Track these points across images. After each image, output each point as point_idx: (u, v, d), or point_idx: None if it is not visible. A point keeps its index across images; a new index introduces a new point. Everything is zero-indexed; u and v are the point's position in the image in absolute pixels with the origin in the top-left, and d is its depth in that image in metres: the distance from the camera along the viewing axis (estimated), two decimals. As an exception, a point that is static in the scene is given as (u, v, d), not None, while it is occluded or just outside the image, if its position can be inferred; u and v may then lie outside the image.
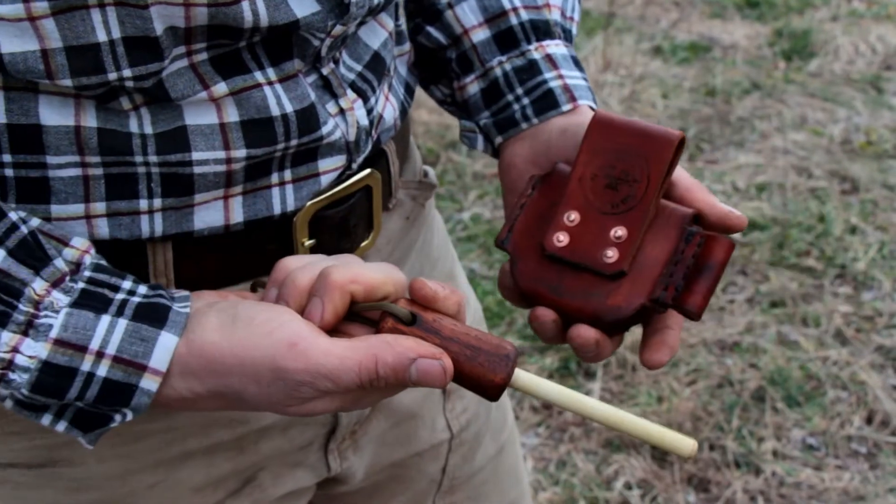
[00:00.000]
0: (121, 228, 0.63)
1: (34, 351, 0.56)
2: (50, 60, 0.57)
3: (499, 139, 0.79)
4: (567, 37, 0.82)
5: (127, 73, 0.58)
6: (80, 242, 0.59)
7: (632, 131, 0.70)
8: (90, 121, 0.60)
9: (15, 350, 0.55)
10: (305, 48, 0.65)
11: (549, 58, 0.79)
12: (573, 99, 0.77)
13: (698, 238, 0.67)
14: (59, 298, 0.57)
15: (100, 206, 0.63)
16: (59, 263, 0.58)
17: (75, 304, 0.57)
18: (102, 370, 0.57)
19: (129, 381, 0.57)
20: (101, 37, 0.57)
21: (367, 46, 0.74)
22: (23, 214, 0.58)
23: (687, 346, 2.34)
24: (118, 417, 0.59)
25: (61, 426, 0.59)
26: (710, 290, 0.67)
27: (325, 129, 0.67)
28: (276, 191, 0.68)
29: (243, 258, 0.69)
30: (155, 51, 0.58)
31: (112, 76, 0.58)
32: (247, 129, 0.64)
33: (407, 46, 0.84)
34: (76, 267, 0.58)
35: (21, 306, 0.56)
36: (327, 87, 0.69)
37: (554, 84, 0.78)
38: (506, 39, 0.80)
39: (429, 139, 3.23)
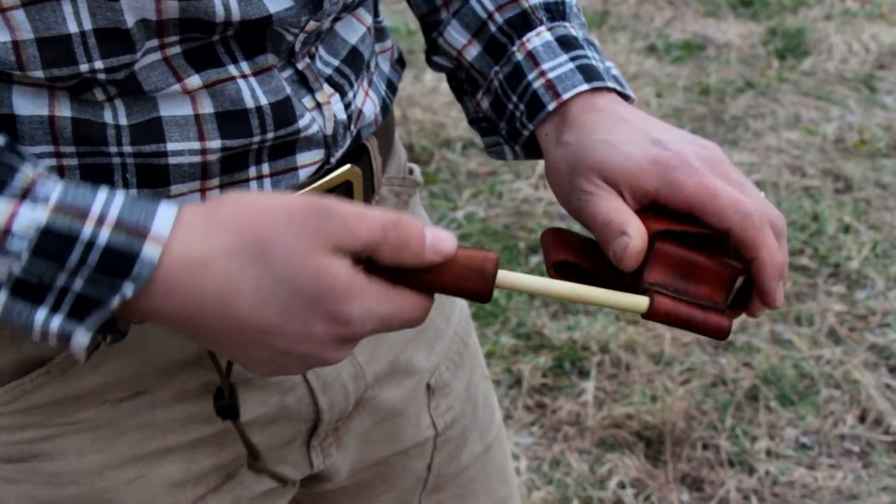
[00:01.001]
0: None
1: (33, 216, 0.53)
2: (21, 52, 0.56)
3: (517, 148, 0.78)
4: (555, 13, 0.78)
5: (98, 64, 0.58)
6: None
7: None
8: (64, 111, 0.60)
9: (13, 216, 0.53)
10: (279, 43, 0.65)
11: (530, 55, 0.76)
12: (557, 95, 0.74)
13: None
14: (53, 180, 0.55)
15: None
16: (42, 168, 0.57)
17: (72, 184, 0.55)
18: (104, 235, 0.54)
19: (130, 248, 0.54)
20: (73, 28, 0.57)
21: (344, 41, 0.73)
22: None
23: (680, 345, 2.34)
24: (116, 299, 0.54)
25: (56, 321, 0.55)
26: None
27: (301, 123, 0.67)
28: (253, 184, 0.67)
29: None
30: (126, 43, 0.58)
31: (84, 68, 0.58)
32: (221, 120, 0.64)
33: (389, 43, 0.83)
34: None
35: (18, 176, 0.54)
36: (303, 82, 0.68)
37: (536, 84, 0.75)
38: (494, 48, 0.78)
39: (423, 137, 3.22)
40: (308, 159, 0.69)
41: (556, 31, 0.77)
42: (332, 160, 0.71)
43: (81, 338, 0.55)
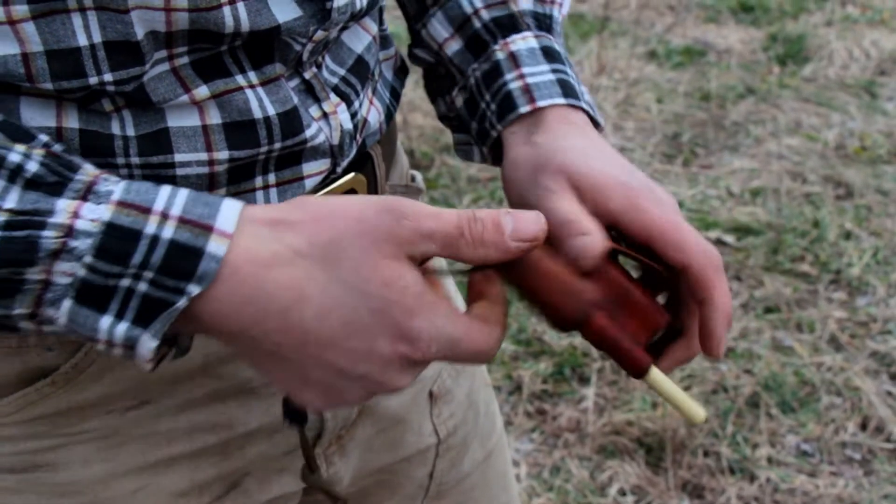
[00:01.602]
0: None
1: (97, 214, 0.52)
2: (31, 64, 0.56)
3: (484, 150, 0.78)
4: (543, 24, 0.78)
5: (108, 77, 0.58)
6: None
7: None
8: (72, 122, 0.60)
9: (76, 215, 0.51)
10: (287, 52, 0.65)
11: (512, 56, 0.75)
12: (532, 100, 0.73)
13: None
14: (114, 179, 0.54)
15: None
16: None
17: (134, 182, 0.54)
18: (168, 231, 0.52)
19: (195, 244, 0.52)
20: (82, 41, 0.57)
21: (350, 51, 0.73)
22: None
23: (681, 352, 2.34)
24: (182, 300, 0.52)
25: (122, 327, 0.52)
26: (628, 355, 0.65)
27: (308, 133, 0.67)
28: (260, 194, 0.67)
29: None
30: (136, 55, 0.58)
31: (93, 80, 0.58)
32: (229, 131, 0.64)
33: (392, 51, 0.83)
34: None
35: (79, 176, 0.53)
36: (310, 91, 0.68)
37: (513, 85, 0.74)
38: (476, 45, 0.77)
39: (423, 143, 3.23)
40: (314, 169, 0.69)
41: (542, 40, 0.77)
42: (338, 169, 0.71)
43: (147, 343, 0.53)
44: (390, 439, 0.87)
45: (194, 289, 0.52)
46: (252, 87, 0.64)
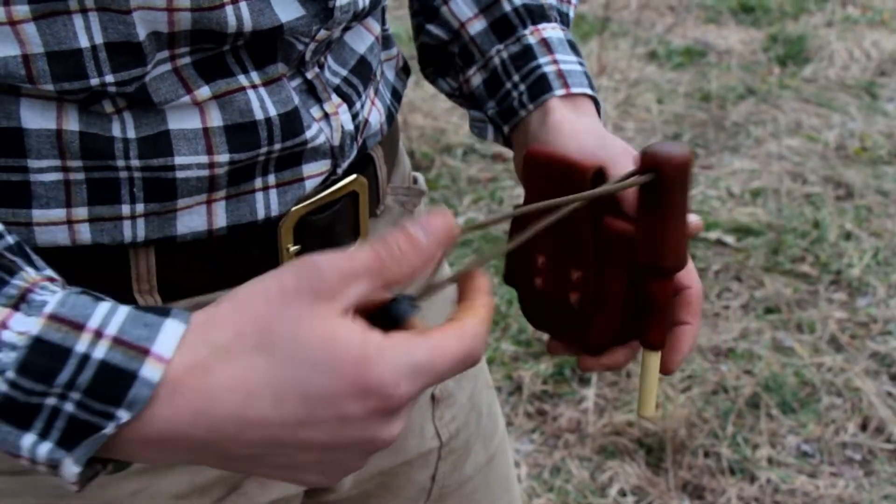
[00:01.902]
0: (103, 233, 0.63)
1: (25, 326, 0.48)
2: (31, 65, 0.56)
3: (506, 129, 0.80)
4: (564, 20, 0.82)
5: (109, 78, 0.58)
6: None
7: (557, 163, 0.67)
8: (72, 124, 0.59)
9: (3, 325, 0.48)
10: (289, 52, 0.65)
11: (545, 42, 0.79)
12: (566, 85, 0.77)
13: (641, 279, 0.67)
14: (54, 286, 0.51)
15: (82, 211, 0.62)
16: (50, 272, 0.53)
17: (72, 294, 0.51)
18: (100, 351, 0.48)
19: (128, 367, 0.48)
20: (84, 42, 0.56)
21: (352, 51, 0.73)
22: (3, 227, 0.54)
23: (681, 352, 2.34)
24: (110, 425, 0.49)
25: (44, 448, 0.49)
26: (665, 324, 0.69)
27: (309, 134, 0.67)
28: (259, 195, 0.67)
29: (227, 264, 0.68)
30: (138, 56, 0.58)
31: (94, 82, 0.58)
32: (230, 133, 0.63)
33: (394, 51, 0.83)
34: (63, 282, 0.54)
35: (14, 280, 0.50)
36: (311, 92, 0.68)
37: (548, 69, 0.77)
38: (502, 27, 0.80)
39: (423, 143, 3.22)
40: (314, 170, 0.69)
41: (567, 34, 0.81)
42: (339, 171, 0.71)
43: (70, 468, 0.49)
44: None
45: (124, 415, 0.48)
46: (254, 87, 0.64)
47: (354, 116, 0.71)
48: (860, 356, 2.35)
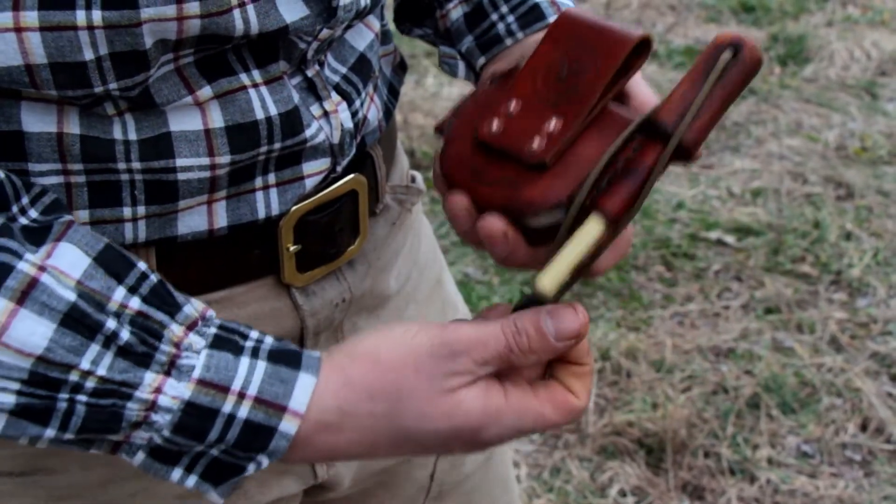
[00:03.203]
0: (104, 235, 0.62)
1: (177, 391, 0.55)
2: (35, 75, 0.56)
3: (481, 60, 0.79)
4: None
5: (113, 85, 0.57)
6: (197, 301, 0.59)
7: (595, 27, 0.65)
8: (73, 128, 0.59)
9: (158, 391, 0.54)
10: (292, 51, 0.64)
11: None
12: (559, 10, 0.77)
13: (634, 143, 0.63)
14: (197, 341, 0.56)
15: (83, 214, 0.62)
16: (189, 310, 0.57)
17: (212, 346, 0.56)
18: (244, 411, 0.55)
19: (269, 424, 0.56)
20: (88, 56, 0.56)
21: (352, 48, 0.73)
22: (146, 266, 0.58)
23: (682, 353, 2.34)
24: (252, 466, 0.57)
25: (191, 481, 0.58)
26: (630, 196, 0.61)
27: (308, 132, 0.67)
28: (260, 195, 0.67)
29: (228, 263, 0.68)
30: (142, 63, 0.57)
31: (98, 90, 0.57)
32: (231, 133, 0.63)
33: (391, 47, 0.83)
34: (203, 315, 0.58)
35: (163, 346, 0.55)
36: (311, 90, 0.68)
37: None
38: None
39: (423, 142, 3.22)
40: (314, 168, 0.69)
41: None
42: (338, 169, 0.71)
43: (218, 497, 0.59)
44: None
45: (264, 460, 0.57)
46: (255, 86, 0.64)
47: (354, 114, 0.71)
48: (860, 356, 2.34)
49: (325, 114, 0.68)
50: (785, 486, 2.01)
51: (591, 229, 0.60)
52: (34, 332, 0.52)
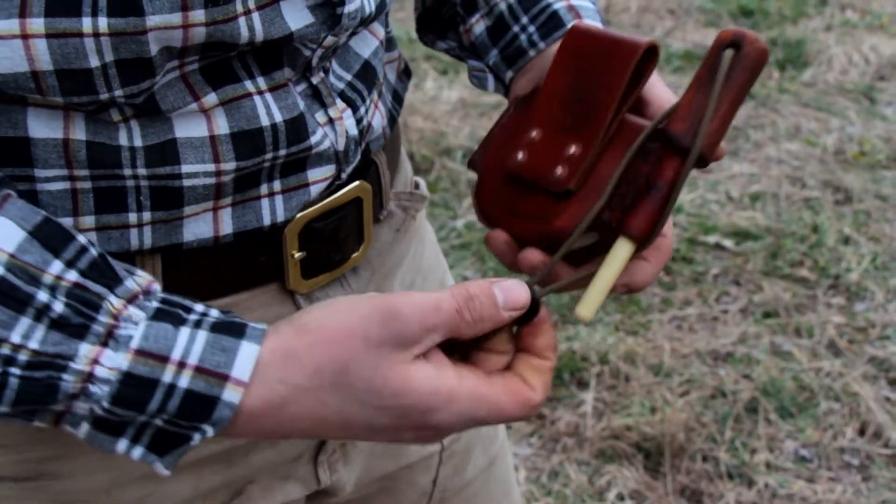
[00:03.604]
0: (110, 242, 0.63)
1: (115, 362, 0.54)
2: (41, 81, 0.56)
3: (509, 73, 0.79)
4: None
5: (118, 92, 0.58)
6: (145, 273, 0.58)
7: (601, 41, 0.65)
8: (79, 134, 0.59)
9: (95, 362, 0.54)
10: (296, 58, 0.65)
11: None
12: (579, 17, 0.77)
13: (653, 156, 0.62)
14: (136, 313, 0.56)
15: (89, 220, 0.62)
16: (131, 284, 0.57)
17: (153, 318, 0.56)
18: (184, 381, 0.55)
19: (210, 393, 0.55)
20: (94, 63, 0.56)
21: (357, 55, 0.73)
22: (87, 240, 0.57)
23: (680, 357, 2.34)
24: (197, 436, 0.56)
25: (137, 452, 0.57)
26: (654, 214, 0.61)
27: (313, 139, 0.67)
28: (265, 202, 0.67)
29: (233, 270, 0.69)
30: (148, 70, 0.58)
31: (104, 97, 0.57)
32: (237, 140, 0.63)
33: (396, 53, 0.83)
34: (146, 290, 0.57)
35: (100, 317, 0.54)
36: (316, 97, 0.68)
37: (558, 6, 0.78)
38: None
39: (423, 146, 3.22)
40: (319, 175, 0.69)
41: None
42: (343, 176, 0.71)
43: (164, 468, 0.58)
44: (394, 446, 0.87)
45: (209, 430, 0.56)
46: (260, 92, 0.64)
47: (359, 121, 0.71)
48: (858, 361, 2.35)
49: (330, 121, 0.69)
50: (783, 491, 2.01)
51: (620, 253, 0.62)
52: None
